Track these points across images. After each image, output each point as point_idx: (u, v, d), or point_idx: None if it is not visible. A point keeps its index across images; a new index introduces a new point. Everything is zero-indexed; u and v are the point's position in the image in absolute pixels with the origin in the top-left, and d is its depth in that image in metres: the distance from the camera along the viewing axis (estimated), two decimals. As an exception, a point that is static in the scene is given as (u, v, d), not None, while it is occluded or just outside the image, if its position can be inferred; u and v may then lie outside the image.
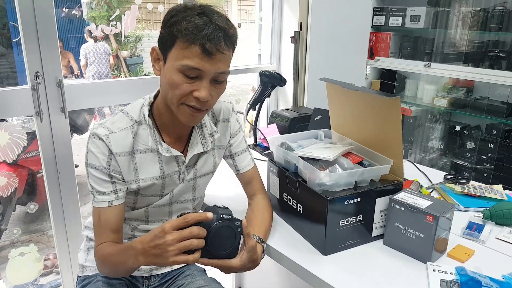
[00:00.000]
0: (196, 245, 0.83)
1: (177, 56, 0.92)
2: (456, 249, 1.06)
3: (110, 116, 1.05)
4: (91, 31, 5.03)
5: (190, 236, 0.83)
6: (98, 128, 1.01)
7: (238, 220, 0.90)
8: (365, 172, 1.06)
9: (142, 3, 2.01)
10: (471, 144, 2.50)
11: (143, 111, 1.04)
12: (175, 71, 0.93)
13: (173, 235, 0.83)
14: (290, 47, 2.53)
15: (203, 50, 0.90)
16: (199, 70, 0.92)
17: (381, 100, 1.10)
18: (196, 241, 0.83)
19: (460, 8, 2.37)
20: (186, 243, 0.82)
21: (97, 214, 1.02)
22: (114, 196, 1.02)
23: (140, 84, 2.00)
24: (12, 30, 5.07)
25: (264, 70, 1.78)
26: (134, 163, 1.03)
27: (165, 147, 1.04)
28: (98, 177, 1.01)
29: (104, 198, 1.01)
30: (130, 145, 1.02)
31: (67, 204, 1.74)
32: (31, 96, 1.57)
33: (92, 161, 1.00)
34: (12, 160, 1.68)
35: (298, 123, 1.86)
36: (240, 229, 0.90)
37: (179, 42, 0.91)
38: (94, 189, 1.02)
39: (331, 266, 1.00)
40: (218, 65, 0.93)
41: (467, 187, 1.41)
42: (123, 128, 1.02)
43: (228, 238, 0.89)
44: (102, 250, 1.00)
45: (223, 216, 0.87)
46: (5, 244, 2.54)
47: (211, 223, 0.86)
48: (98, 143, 0.99)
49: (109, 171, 1.01)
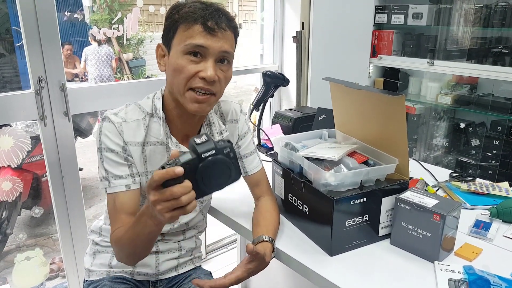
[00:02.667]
0: (187, 201, 0.73)
1: (180, 40, 0.94)
2: (463, 248, 1.05)
3: (122, 106, 1.05)
4: (94, 34, 5.05)
5: (174, 195, 0.72)
6: (111, 115, 1.00)
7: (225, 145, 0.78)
8: (370, 171, 1.06)
9: (144, 5, 2.01)
10: (476, 141, 2.49)
11: (156, 104, 1.04)
12: (180, 55, 0.94)
13: (156, 195, 0.74)
14: (293, 47, 2.53)
15: (205, 27, 0.92)
16: (203, 47, 0.93)
17: (386, 98, 1.10)
18: (184, 198, 0.73)
19: (463, 5, 2.36)
20: (174, 203, 0.73)
21: (111, 200, 1.00)
22: (132, 180, 1.01)
23: (143, 86, 2.00)
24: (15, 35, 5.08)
25: (267, 71, 1.78)
26: (144, 155, 1.03)
27: (175, 142, 1.04)
28: (114, 160, 0.99)
29: (121, 182, 1.00)
30: (142, 136, 1.02)
31: (72, 208, 1.75)
32: (35, 100, 1.57)
33: (108, 144, 0.99)
34: (16, 164, 1.69)
35: (301, 123, 1.86)
36: (232, 154, 0.78)
37: (181, 26, 0.94)
38: (109, 173, 0.99)
39: (337, 266, 1.00)
40: (221, 43, 0.94)
41: (473, 185, 1.40)
42: (136, 119, 1.02)
43: (222, 171, 0.78)
44: (117, 232, 0.96)
45: (205, 155, 0.75)
46: (11, 249, 2.54)
47: (194, 167, 0.75)
48: (112, 127, 0.99)
49: (125, 155, 1.00)
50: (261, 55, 2.72)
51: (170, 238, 1.17)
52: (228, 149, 0.78)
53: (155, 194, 0.74)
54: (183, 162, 0.74)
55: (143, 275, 1.16)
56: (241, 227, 1.21)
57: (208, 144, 0.76)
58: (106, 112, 1.02)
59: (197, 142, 0.76)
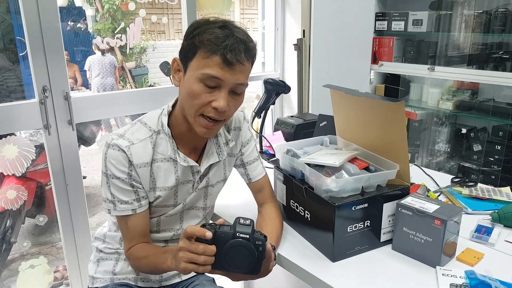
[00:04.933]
0: (203, 261, 0.84)
1: (197, 66, 0.94)
2: (465, 253, 1.06)
3: (128, 126, 1.06)
4: (97, 44, 5.09)
5: (196, 251, 0.83)
6: (118, 139, 1.01)
7: (260, 238, 0.86)
8: (371, 177, 1.07)
9: (147, 14, 2.03)
10: (478, 147, 2.49)
11: (162, 120, 1.05)
12: (195, 81, 0.95)
13: (184, 243, 0.84)
14: (294, 54, 2.55)
15: (224, 60, 0.92)
16: (219, 79, 0.93)
17: (386, 105, 1.11)
18: (203, 258, 0.83)
19: (463, 11, 2.38)
20: (193, 256, 0.83)
21: (123, 221, 1.06)
22: (137, 204, 1.04)
23: (145, 95, 2.02)
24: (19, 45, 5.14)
25: (268, 78, 1.79)
26: (152, 172, 1.04)
27: (182, 157, 1.05)
28: (120, 187, 1.02)
29: (127, 207, 1.03)
30: (150, 155, 1.03)
31: (75, 216, 1.76)
32: (39, 109, 1.59)
33: (114, 172, 1.00)
34: (21, 173, 1.70)
35: (303, 130, 1.87)
36: (262, 248, 0.86)
37: (200, 52, 0.94)
38: (115, 197, 1.02)
39: (340, 272, 1.00)
40: (238, 76, 0.95)
41: (475, 190, 1.40)
42: (143, 139, 1.03)
43: (245, 257, 0.86)
44: (136, 252, 1.05)
45: (239, 235, 0.85)
46: (15, 257, 2.55)
47: (226, 240, 0.85)
48: (118, 154, 1.00)
49: (131, 181, 1.02)
50: (263, 62, 2.74)
51: (174, 244, 1.18)
52: (260, 242, 0.86)
53: (184, 242, 0.85)
54: (219, 230, 0.85)
55: (146, 282, 1.17)
56: (243, 233, 1.21)
57: (247, 229, 0.85)
58: (112, 135, 1.02)
59: (240, 222, 0.86)
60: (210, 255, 0.84)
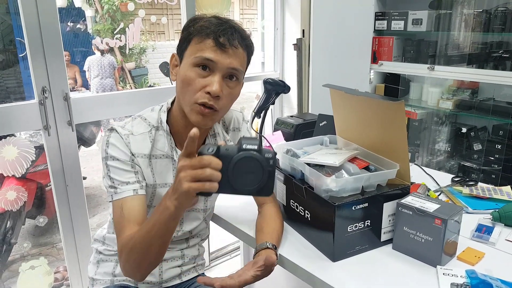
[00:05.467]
0: (209, 175, 0.74)
1: (191, 52, 0.96)
2: (466, 252, 1.06)
3: (128, 119, 1.06)
4: (97, 44, 5.09)
5: (200, 165, 0.74)
6: (118, 127, 1.01)
7: (270, 152, 0.77)
8: (371, 177, 1.06)
9: (146, 15, 2.03)
10: (478, 146, 2.49)
11: (161, 116, 1.05)
12: (189, 67, 0.96)
13: (184, 161, 0.76)
14: (293, 54, 2.55)
15: (217, 42, 0.94)
16: (212, 61, 0.94)
17: (385, 104, 1.11)
18: (209, 171, 0.73)
19: (462, 10, 2.37)
20: (197, 172, 0.74)
21: (118, 207, 0.98)
22: (139, 185, 1.00)
23: (145, 95, 2.02)
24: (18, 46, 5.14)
25: (267, 78, 1.78)
26: (151, 167, 1.04)
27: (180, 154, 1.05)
28: (120, 168, 0.99)
29: (128, 188, 0.99)
30: (148, 149, 1.03)
31: (76, 216, 1.76)
32: (39, 110, 1.59)
33: (114, 153, 0.99)
34: (21, 174, 1.70)
35: (303, 130, 1.86)
36: (272, 162, 0.76)
37: (194, 39, 0.96)
38: (115, 181, 0.99)
39: (340, 272, 1.00)
40: (231, 60, 0.96)
41: (475, 189, 1.40)
42: (142, 133, 1.03)
43: (254, 173, 0.76)
44: (127, 238, 0.93)
45: (246, 146, 0.75)
46: (15, 258, 2.55)
47: (231, 154, 0.75)
48: (119, 137, 1.00)
49: (131, 162, 1.01)
50: (262, 62, 2.74)
51: (174, 246, 1.18)
52: (271, 155, 0.76)
53: (184, 160, 0.75)
54: (223, 146, 0.76)
55: (146, 284, 1.16)
56: (244, 234, 1.21)
57: (254, 141, 0.76)
58: (113, 123, 1.03)
59: (245, 137, 0.78)
60: (216, 167, 0.74)
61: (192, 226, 1.17)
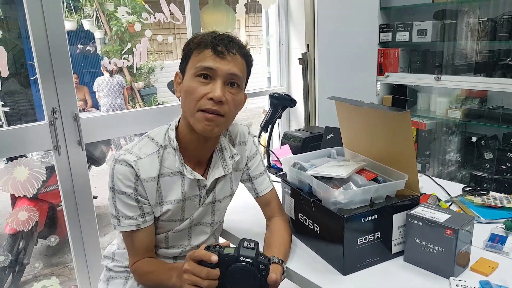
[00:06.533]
0: (207, 286, 0.84)
1: (192, 64, 1.00)
2: (479, 262, 1.04)
3: (135, 141, 1.08)
4: (105, 65, 5.19)
5: (200, 275, 0.84)
6: (126, 154, 1.02)
7: (264, 262, 0.87)
8: (380, 188, 1.06)
9: (153, 35, 2.07)
10: (489, 155, 2.46)
11: (169, 135, 1.07)
12: (191, 78, 0.99)
13: (190, 265, 0.85)
14: (299, 68, 2.56)
15: (215, 51, 0.97)
16: (211, 69, 0.97)
17: (391, 115, 1.10)
18: (207, 282, 0.84)
19: (468, 20, 2.38)
20: (198, 280, 0.84)
21: (129, 236, 1.06)
22: (142, 220, 1.05)
23: (154, 113, 2.04)
24: (30, 69, 5.26)
25: (273, 93, 1.80)
26: (159, 187, 1.05)
27: (189, 170, 1.06)
28: (125, 202, 1.03)
29: (131, 223, 1.04)
30: (157, 170, 1.04)
31: (86, 236, 1.76)
32: (49, 131, 1.61)
33: (120, 187, 1.02)
34: (32, 194, 1.72)
35: (310, 143, 1.86)
36: (265, 272, 0.87)
37: (194, 52, 1.00)
38: (120, 212, 1.03)
39: (351, 286, 0.99)
40: (230, 66, 0.98)
41: (487, 198, 1.38)
42: (150, 154, 1.04)
43: (249, 281, 0.86)
44: (141, 267, 1.07)
45: (243, 258, 0.85)
46: (28, 279, 2.56)
47: (229, 263, 0.85)
48: (125, 169, 1.01)
49: (137, 196, 1.03)
50: (268, 77, 2.76)
51: (182, 261, 1.17)
52: (264, 266, 0.87)
53: (189, 264, 0.86)
54: (223, 253, 0.86)
55: (156, 301, 1.16)
56: (253, 249, 1.20)
57: (251, 252, 0.86)
58: (119, 152, 1.05)
59: (244, 245, 0.87)
60: (214, 279, 0.85)
61: (199, 241, 1.17)
